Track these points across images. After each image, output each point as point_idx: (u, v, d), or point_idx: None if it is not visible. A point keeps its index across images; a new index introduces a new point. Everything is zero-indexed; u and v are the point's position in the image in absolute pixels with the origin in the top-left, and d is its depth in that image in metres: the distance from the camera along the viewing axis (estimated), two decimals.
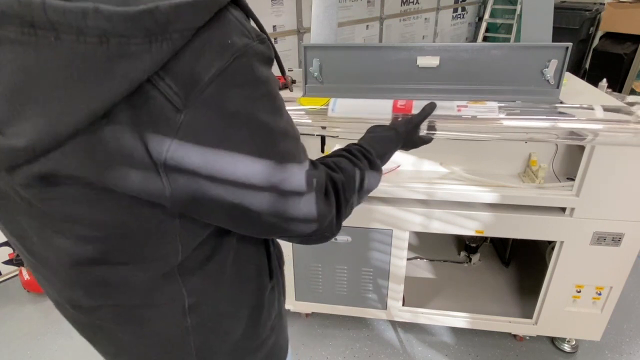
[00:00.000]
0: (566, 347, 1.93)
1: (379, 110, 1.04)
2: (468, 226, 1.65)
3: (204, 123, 0.45)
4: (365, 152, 0.80)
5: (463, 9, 6.04)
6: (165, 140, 0.44)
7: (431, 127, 1.02)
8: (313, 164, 0.61)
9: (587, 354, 1.93)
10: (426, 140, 1.05)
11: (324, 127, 1.25)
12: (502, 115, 1.03)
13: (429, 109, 0.98)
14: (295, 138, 0.56)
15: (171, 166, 0.45)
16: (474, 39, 6.31)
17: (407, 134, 0.94)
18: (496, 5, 5.80)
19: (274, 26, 3.46)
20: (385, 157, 0.88)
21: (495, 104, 1.08)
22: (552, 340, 1.98)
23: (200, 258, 0.59)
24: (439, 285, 2.13)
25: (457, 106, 1.02)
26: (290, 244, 1.80)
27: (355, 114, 1.11)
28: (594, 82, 2.10)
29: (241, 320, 0.69)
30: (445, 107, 0.99)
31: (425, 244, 2.43)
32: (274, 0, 3.38)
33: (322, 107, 1.13)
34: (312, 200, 0.57)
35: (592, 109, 1.20)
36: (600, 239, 1.57)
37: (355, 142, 0.81)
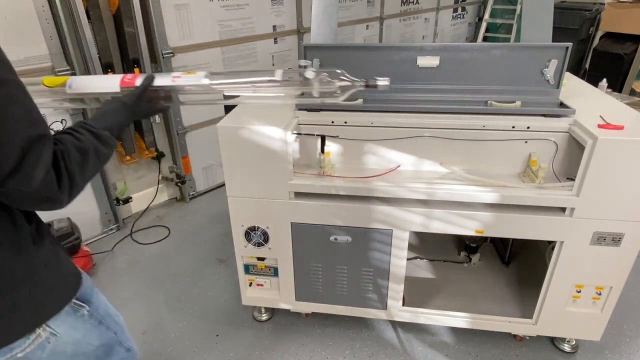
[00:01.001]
0: (566, 347, 1.93)
1: (110, 85, 1.14)
2: (468, 226, 1.65)
3: None
4: (90, 127, 0.92)
5: (463, 9, 6.04)
6: None
7: (167, 98, 1.15)
8: (40, 137, 0.77)
9: (587, 354, 1.93)
10: (159, 109, 1.17)
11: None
12: (206, 82, 1.16)
13: (146, 81, 1.10)
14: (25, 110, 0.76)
15: None
16: (474, 39, 6.31)
17: (133, 104, 1.06)
18: (496, 5, 5.80)
19: (274, 26, 3.46)
20: (115, 126, 1.00)
21: (202, 74, 1.16)
22: (552, 340, 1.98)
23: None
24: (439, 285, 2.14)
25: (172, 77, 1.14)
26: (290, 244, 1.80)
27: (89, 90, 1.18)
28: (594, 82, 2.10)
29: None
30: (162, 77, 1.13)
31: (425, 244, 2.44)
32: (274, 0, 3.38)
33: (61, 85, 1.19)
34: (30, 166, 0.74)
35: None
36: (600, 239, 1.57)
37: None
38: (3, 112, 0.74)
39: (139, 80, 1.11)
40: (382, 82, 1.20)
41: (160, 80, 1.12)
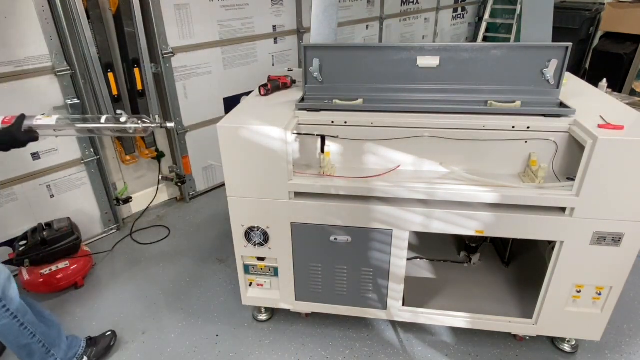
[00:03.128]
0: (566, 347, 1.93)
1: None
2: (468, 226, 1.65)
3: None
4: None
5: (463, 9, 6.04)
6: None
7: (31, 130, 1.52)
8: None
9: (587, 354, 1.93)
10: (32, 138, 1.53)
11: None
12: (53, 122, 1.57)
13: (18, 120, 1.50)
14: None
15: None
16: (474, 39, 6.31)
17: (15, 131, 1.46)
18: (496, 5, 5.80)
19: (274, 26, 3.46)
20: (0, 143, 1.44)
21: (55, 117, 1.58)
22: (552, 340, 1.98)
23: None
24: (439, 285, 2.13)
25: (35, 118, 1.54)
26: (290, 244, 1.80)
27: None
28: (594, 82, 2.10)
29: None
30: (28, 118, 1.53)
31: (425, 244, 2.44)
32: (274, 0, 3.38)
33: None
34: None
35: None
36: (600, 239, 1.57)
37: None
38: None
39: (13, 120, 1.52)
40: (170, 124, 1.60)
41: (27, 121, 1.54)
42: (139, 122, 1.60)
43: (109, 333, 2.00)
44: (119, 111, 1.92)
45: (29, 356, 1.68)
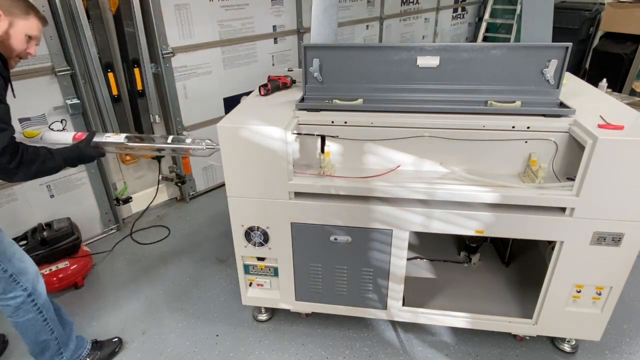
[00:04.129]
0: (566, 347, 1.93)
1: (66, 137, 1.73)
2: (468, 226, 1.65)
3: None
4: (50, 149, 1.51)
5: (463, 9, 6.04)
6: None
7: (99, 147, 1.71)
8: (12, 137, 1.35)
9: (587, 354, 1.93)
10: (99, 153, 1.72)
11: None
12: (124, 140, 1.76)
13: (89, 136, 1.67)
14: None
15: None
16: (474, 39, 6.31)
17: (83, 147, 1.63)
18: (496, 5, 5.80)
19: (274, 26, 3.46)
20: (65, 155, 1.55)
21: (123, 135, 1.76)
22: (552, 340, 1.98)
23: None
24: (439, 285, 2.13)
25: (105, 135, 1.74)
26: (290, 244, 1.80)
27: (52, 142, 1.73)
28: (594, 82, 2.10)
29: None
30: (98, 135, 1.72)
31: (425, 244, 2.44)
32: (274, 0, 3.38)
33: (35, 136, 1.76)
34: (3, 141, 1.30)
35: None
36: (600, 239, 1.57)
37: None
38: None
39: (84, 136, 1.68)
40: (218, 147, 1.67)
41: (97, 137, 1.70)
42: (202, 143, 1.73)
43: (116, 339, 2.00)
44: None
45: (42, 353, 1.71)
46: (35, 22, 1.47)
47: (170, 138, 1.72)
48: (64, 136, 1.75)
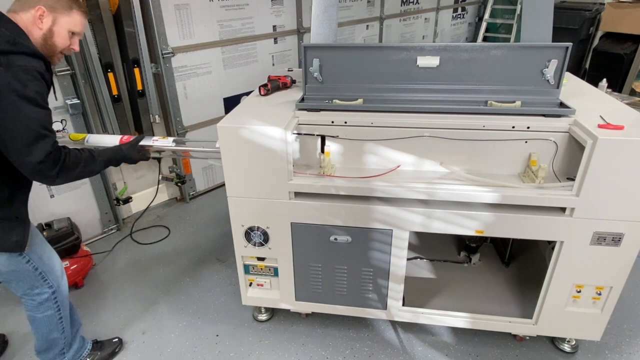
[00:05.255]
0: (566, 347, 1.93)
1: (112, 141, 1.76)
2: (468, 226, 1.65)
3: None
4: (92, 151, 1.51)
5: (463, 9, 6.04)
6: None
7: (145, 151, 1.77)
8: (43, 135, 1.29)
9: (587, 354, 1.93)
10: (143, 157, 1.76)
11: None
12: (171, 144, 1.85)
13: (136, 139, 1.74)
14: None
15: None
16: (474, 39, 6.31)
17: (127, 149, 1.67)
18: (496, 5, 5.80)
19: (274, 26, 3.46)
20: (108, 157, 1.57)
21: (171, 139, 1.84)
22: (552, 340, 1.98)
23: None
24: (439, 285, 2.13)
25: (152, 139, 1.79)
26: (290, 244, 1.80)
27: (99, 144, 1.78)
28: (594, 82, 2.10)
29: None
30: (146, 139, 1.78)
31: (425, 244, 2.44)
32: (274, 0, 3.38)
33: (81, 139, 1.83)
34: (44, 149, 1.28)
35: None
36: (600, 239, 1.57)
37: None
38: (24, 118, 1.26)
39: (131, 139, 1.73)
40: None
41: (145, 141, 1.75)
42: None
43: (116, 340, 2.01)
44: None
45: (48, 350, 1.72)
46: (79, 17, 1.42)
47: (218, 143, 1.68)
48: (110, 140, 1.76)
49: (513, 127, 1.58)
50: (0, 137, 1.26)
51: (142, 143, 1.73)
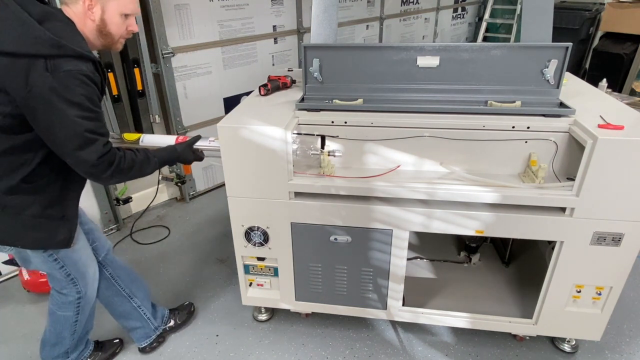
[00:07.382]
0: (566, 347, 1.93)
1: (167, 141, 1.72)
2: (468, 226, 1.65)
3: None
4: (147, 152, 1.51)
5: (463, 9, 6.04)
6: None
7: (201, 152, 1.71)
8: (94, 138, 1.30)
9: (587, 354, 1.93)
10: (198, 158, 1.71)
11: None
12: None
13: (193, 139, 1.69)
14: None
15: None
16: (474, 39, 6.31)
17: (182, 149, 1.64)
18: (496, 5, 5.80)
19: (274, 26, 3.46)
20: (162, 158, 1.57)
21: None
22: (552, 340, 1.98)
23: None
24: (439, 285, 2.13)
25: (209, 140, 1.72)
26: (290, 244, 1.80)
27: (154, 144, 1.73)
28: (594, 82, 2.10)
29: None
30: (203, 139, 1.72)
31: (425, 244, 2.44)
32: (274, 0, 3.38)
33: (136, 139, 1.79)
34: (96, 152, 1.29)
35: None
36: (600, 239, 1.57)
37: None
38: (71, 123, 1.25)
39: (187, 139, 1.69)
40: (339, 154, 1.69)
41: (201, 141, 1.71)
42: (308, 150, 1.70)
43: (117, 340, 2.01)
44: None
45: (54, 345, 1.73)
46: None
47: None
48: (165, 140, 1.73)
49: (513, 127, 1.58)
50: (52, 141, 1.28)
51: (198, 144, 1.69)
